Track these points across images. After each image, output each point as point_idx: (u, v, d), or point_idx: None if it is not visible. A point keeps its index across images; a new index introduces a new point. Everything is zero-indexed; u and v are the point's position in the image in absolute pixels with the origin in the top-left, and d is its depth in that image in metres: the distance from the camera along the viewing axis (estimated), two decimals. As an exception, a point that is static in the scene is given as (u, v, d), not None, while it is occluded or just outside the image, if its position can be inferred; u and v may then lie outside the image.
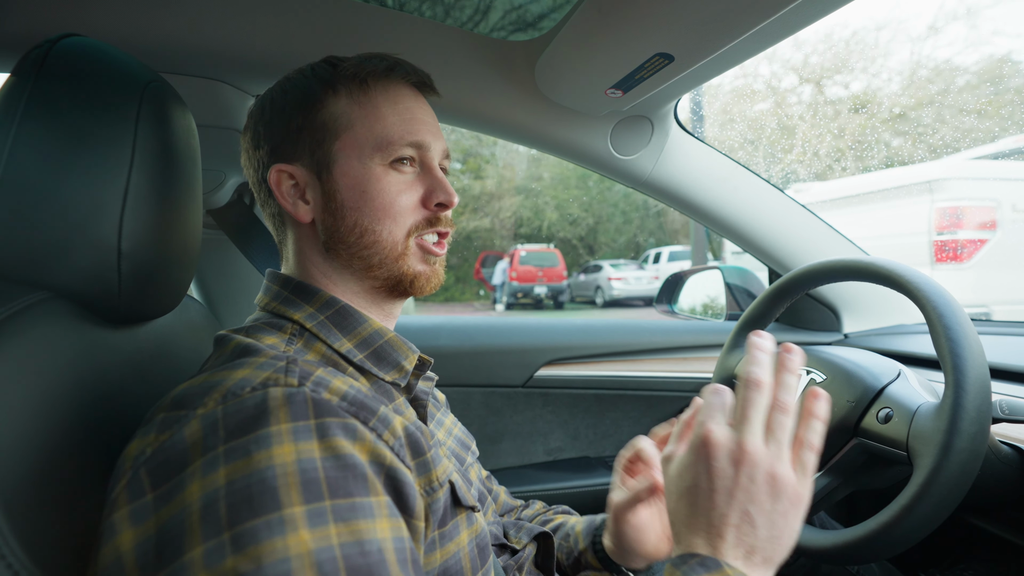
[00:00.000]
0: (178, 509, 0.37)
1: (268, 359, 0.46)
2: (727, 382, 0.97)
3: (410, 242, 0.58)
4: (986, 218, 4.14)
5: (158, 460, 0.39)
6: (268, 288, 0.60)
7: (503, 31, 0.97)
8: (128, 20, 0.83)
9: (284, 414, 0.41)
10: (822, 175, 7.03)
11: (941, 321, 0.63)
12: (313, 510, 0.38)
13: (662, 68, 0.81)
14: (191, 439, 0.39)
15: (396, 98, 0.59)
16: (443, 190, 0.59)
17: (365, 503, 0.40)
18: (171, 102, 0.58)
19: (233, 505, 0.36)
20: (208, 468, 0.38)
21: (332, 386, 0.46)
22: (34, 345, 0.44)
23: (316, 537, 0.37)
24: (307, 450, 0.40)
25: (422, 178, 0.59)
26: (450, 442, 0.69)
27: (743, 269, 1.52)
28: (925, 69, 9.71)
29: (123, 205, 0.51)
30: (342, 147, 0.57)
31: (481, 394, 1.30)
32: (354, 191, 0.57)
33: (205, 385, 0.43)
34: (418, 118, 0.59)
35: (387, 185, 0.57)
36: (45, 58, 0.50)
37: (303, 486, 0.38)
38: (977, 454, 0.59)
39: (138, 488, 0.39)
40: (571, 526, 0.78)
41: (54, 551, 0.41)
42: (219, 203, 1.06)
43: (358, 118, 0.57)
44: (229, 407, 0.41)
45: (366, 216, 0.57)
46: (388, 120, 0.57)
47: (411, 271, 0.59)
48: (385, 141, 0.57)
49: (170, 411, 0.42)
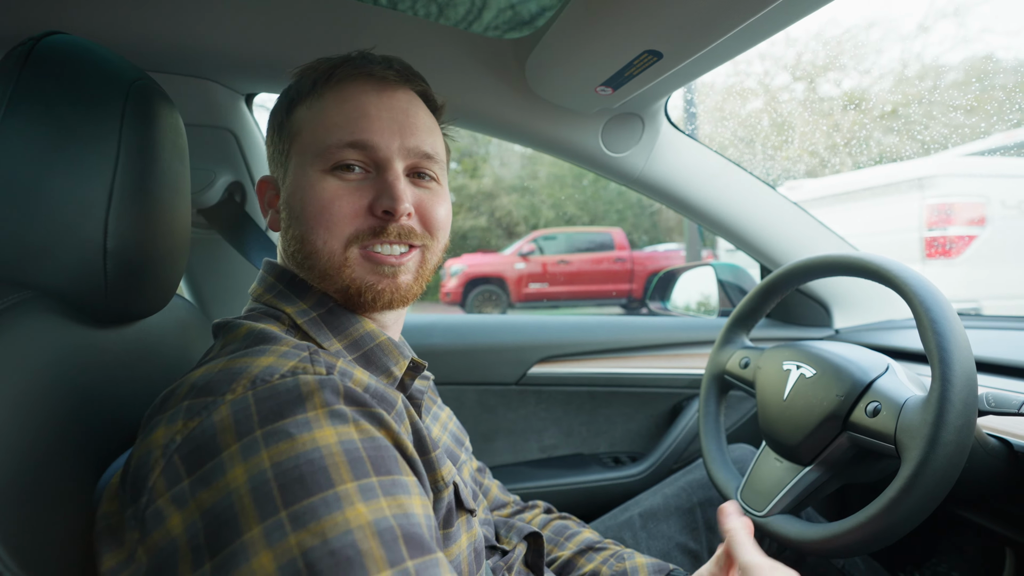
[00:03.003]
0: (223, 493, 0.37)
1: (291, 348, 0.46)
2: (719, 378, 0.97)
3: (350, 252, 0.54)
4: (975, 214, 4.17)
5: (190, 446, 0.40)
6: (263, 279, 0.59)
7: (497, 30, 0.97)
8: (116, 18, 0.83)
9: (319, 400, 0.42)
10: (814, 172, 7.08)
11: (927, 315, 0.64)
12: (363, 485, 0.39)
13: (651, 65, 0.81)
14: (221, 425, 0.40)
15: (347, 96, 0.55)
16: (388, 195, 0.53)
17: (403, 480, 0.42)
18: (158, 100, 0.57)
19: (285, 485, 0.37)
20: (248, 452, 0.38)
21: (355, 377, 0.48)
22: (19, 344, 0.44)
23: (371, 509, 0.38)
24: (345, 432, 0.41)
25: (374, 183, 0.55)
26: (445, 438, 0.69)
27: (735, 266, 1.52)
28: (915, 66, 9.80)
29: (109, 204, 0.51)
30: (293, 155, 0.57)
31: (475, 392, 1.30)
32: (295, 199, 0.55)
33: (228, 372, 0.43)
34: (369, 115, 0.54)
35: (319, 192, 0.53)
36: (28, 56, 0.49)
37: (350, 464, 0.40)
38: (963, 447, 0.59)
39: (174, 474, 0.39)
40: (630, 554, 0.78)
41: (41, 553, 0.41)
42: (209, 202, 1.06)
43: (307, 123, 0.56)
44: (260, 392, 0.41)
45: (302, 225, 0.54)
46: (330, 122, 0.54)
47: (357, 283, 0.54)
48: (323, 145, 0.54)
49: (195, 398, 0.42)
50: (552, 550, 0.80)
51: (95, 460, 0.49)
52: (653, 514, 0.94)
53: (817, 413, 0.73)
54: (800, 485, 0.75)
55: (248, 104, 1.08)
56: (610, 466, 1.31)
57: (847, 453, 0.72)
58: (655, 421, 1.37)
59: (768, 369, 0.85)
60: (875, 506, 0.63)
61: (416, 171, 0.58)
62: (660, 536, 0.91)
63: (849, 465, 0.74)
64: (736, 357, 0.94)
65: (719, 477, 0.88)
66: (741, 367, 0.92)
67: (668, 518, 0.93)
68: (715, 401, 0.97)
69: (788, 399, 0.79)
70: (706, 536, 0.90)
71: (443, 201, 0.60)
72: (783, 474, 0.78)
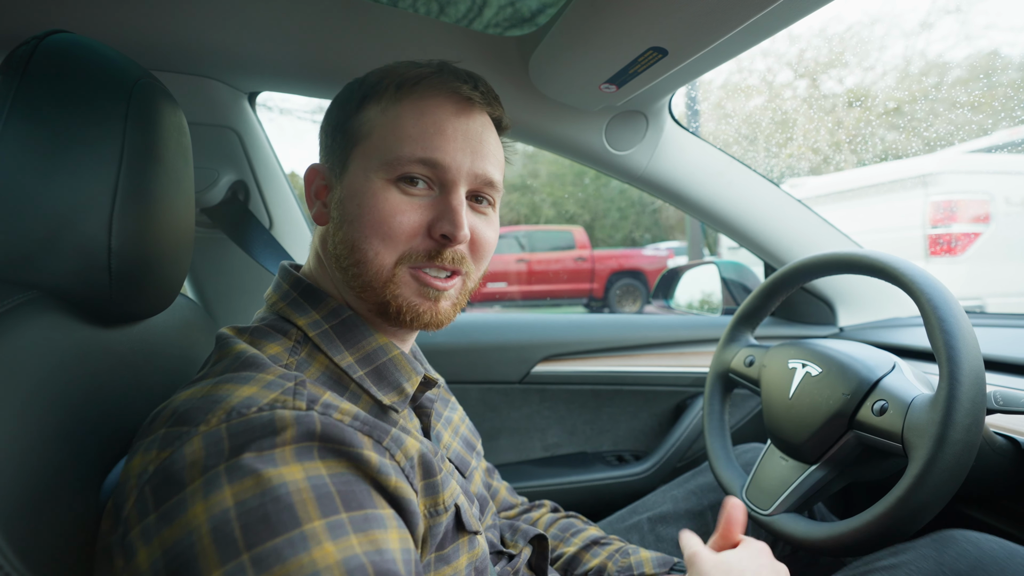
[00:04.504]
0: (184, 532, 0.36)
1: (276, 377, 0.45)
2: (723, 376, 0.97)
3: (399, 270, 0.53)
4: (980, 211, 4.15)
5: (160, 478, 0.39)
6: (279, 285, 0.58)
7: (498, 27, 0.97)
8: (118, 17, 0.82)
9: (291, 435, 0.40)
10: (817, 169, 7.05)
11: (935, 313, 0.63)
12: (332, 523, 0.38)
13: (656, 62, 0.80)
14: (191, 457, 0.39)
15: (425, 110, 0.53)
16: (450, 220, 0.52)
17: (377, 514, 0.41)
18: (161, 99, 0.57)
19: (248, 525, 0.36)
20: (210, 488, 0.37)
21: (342, 407, 0.46)
22: (24, 345, 0.43)
23: (340, 548, 0.37)
24: (313, 468, 0.40)
25: (436, 203, 0.53)
26: (456, 444, 0.68)
27: (739, 264, 1.52)
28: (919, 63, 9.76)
29: (113, 203, 0.50)
30: (357, 155, 0.55)
31: (478, 391, 1.29)
32: (352, 203, 0.53)
33: (208, 400, 0.42)
34: (444, 133, 0.53)
35: (382, 202, 0.52)
36: (32, 55, 0.49)
37: (318, 501, 0.38)
38: (972, 445, 0.59)
39: (144, 507, 0.38)
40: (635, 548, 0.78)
41: (47, 554, 0.41)
42: (213, 201, 1.06)
43: (378, 127, 0.54)
44: (233, 426, 0.40)
45: (356, 231, 0.53)
46: (405, 133, 0.53)
47: (399, 301, 0.53)
48: (393, 155, 0.52)
49: (171, 427, 0.41)
50: (557, 546, 0.80)
51: (100, 460, 0.49)
52: (662, 518, 0.93)
53: (823, 412, 0.73)
54: (806, 484, 0.75)
55: (251, 103, 1.08)
56: (614, 464, 1.31)
57: (853, 452, 0.72)
58: (659, 420, 1.37)
59: (773, 367, 0.85)
60: (882, 505, 0.62)
61: (476, 195, 0.57)
62: (668, 539, 0.90)
63: (855, 464, 0.74)
64: (741, 355, 0.94)
65: (724, 476, 0.88)
66: (746, 365, 0.92)
67: (678, 521, 0.92)
68: (720, 399, 0.96)
69: (794, 397, 0.78)
70: None
71: (494, 226, 0.59)
72: (789, 473, 0.78)
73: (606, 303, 9.00)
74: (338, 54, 0.94)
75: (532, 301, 8.80)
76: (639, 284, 9.21)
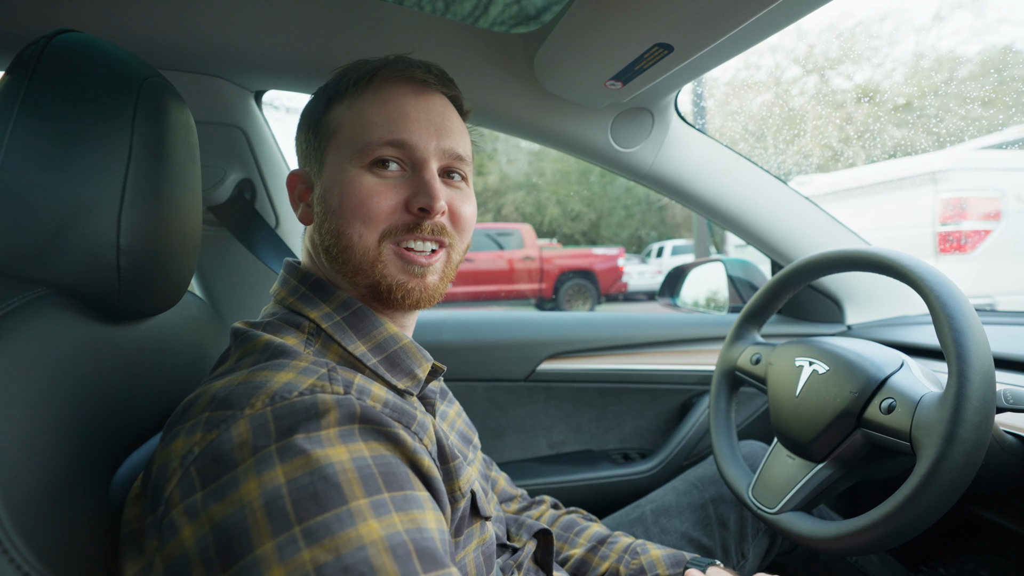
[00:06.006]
0: (235, 507, 0.38)
1: (309, 364, 0.47)
2: (729, 374, 0.97)
3: (384, 247, 0.56)
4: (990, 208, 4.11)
5: (207, 459, 0.40)
6: (286, 281, 0.60)
7: (503, 25, 0.97)
8: (125, 16, 0.83)
9: (334, 418, 0.43)
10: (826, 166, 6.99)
11: (944, 310, 0.63)
12: (376, 501, 0.40)
13: (661, 59, 0.80)
14: (239, 439, 0.40)
15: (387, 97, 0.57)
16: (425, 193, 0.55)
17: (415, 496, 0.43)
18: (168, 98, 0.58)
19: (299, 501, 0.38)
20: (262, 466, 0.39)
21: (373, 394, 0.48)
22: (34, 341, 0.44)
23: (384, 525, 0.39)
24: (357, 450, 0.42)
25: (411, 181, 0.57)
26: (452, 437, 0.69)
27: (745, 261, 1.51)
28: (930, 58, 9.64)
29: (121, 201, 0.51)
30: (331, 151, 0.58)
31: (484, 388, 1.30)
32: (332, 194, 0.57)
33: (248, 385, 0.44)
34: (408, 116, 0.57)
35: (359, 187, 0.55)
36: (41, 54, 0.50)
37: (363, 481, 0.40)
38: (981, 444, 0.58)
39: (189, 485, 0.40)
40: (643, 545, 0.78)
41: (59, 549, 0.41)
42: (220, 199, 1.06)
43: (346, 121, 0.57)
44: (278, 409, 0.42)
45: (340, 219, 0.56)
46: (371, 120, 0.56)
47: (388, 280, 0.56)
48: (363, 142, 0.56)
49: (215, 410, 0.43)
50: (563, 547, 0.80)
51: (110, 456, 0.49)
52: (665, 510, 0.94)
53: (830, 410, 0.72)
54: (813, 482, 0.75)
55: (257, 101, 1.08)
56: (619, 462, 1.31)
57: (861, 450, 0.71)
58: (665, 418, 1.37)
59: (780, 365, 0.85)
60: (890, 504, 0.62)
61: (448, 171, 0.60)
62: (672, 532, 0.91)
63: (863, 462, 0.73)
64: (747, 353, 0.93)
65: (730, 474, 0.88)
66: (752, 363, 0.92)
67: (680, 514, 0.93)
68: (726, 397, 0.96)
69: (800, 396, 0.78)
70: (718, 531, 0.90)
71: (471, 201, 0.62)
72: (795, 471, 0.78)
73: (556, 304, 8.88)
74: (344, 53, 0.94)
75: (478, 302, 8.60)
76: (589, 284, 9.01)
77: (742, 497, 0.83)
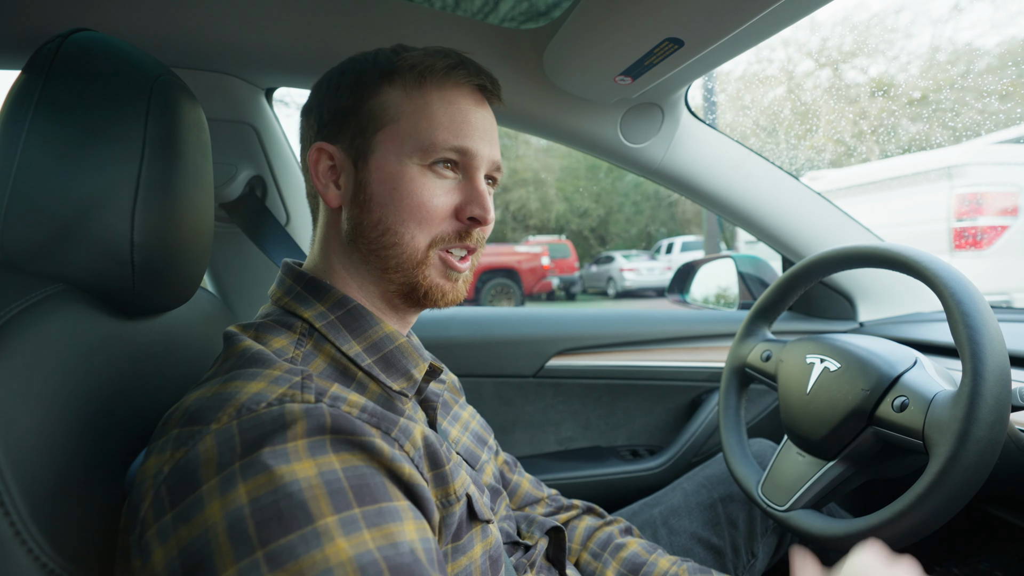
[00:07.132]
0: (200, 530, 0.36)
1: (283, 372, 0.45)
2: (739, 371, 0.96)
3: (432, 252, 0.56)
4: (1007, 204, 4.03)
5: (175, 478, 0.39)
6: (282, 281, 0.59)
7: (513, 21, 0.97)
8: (138, 15, 0.84)
9: (302, 429, 0.41)
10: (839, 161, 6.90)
11: (959, 307, 0.62)
12: (345, 518, 0.38)
13: (672, 53, 0.79)
14: (205, 456, 0.39)
15: (451, 99, 0.56)
16: (479, 204, 0.56)
17: (391, 507, 0.41)
18: (181, 96, 0.58)
19: (262, 522, 0.36)
20: (226, 486, 0.37)
21: (350, 399, 0.46)
22: (51, 336, 0.45)
23: (353, 544, 0.37)
24: (326, 463, 0.40)
25: (462, 187, 0.56)
26: (465, 439, 0.68)
27: (756, 258, 1.50)
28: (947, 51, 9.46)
29: (135, 198, 0.52)
30: (383, 139, 0.55)
31: (492, 384, 1.30)
32: (385, 186, 0.55)
33: (217, 398, 0.42)
34: (471, 122, 0.56)
35: (420, 187, 0.54)
36: (56, 54, 0.51)
37: (331, 496, 0.38)
38: (995, 443, 0.58)
39: (160, 507, 0.39)
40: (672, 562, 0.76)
41: (78, 544, 0.42)
42: (231, 196, 1.07)
43: (406, 112, 0.55)
44: (244, 422, 0.40)
45: (392, 214, 0.54)
46: (436, 120, 0.55)
47: (427, 282, 0.56)
48: (428, 141, 0.54)
49: (184, 426, 0.42)
50: (597, 567, 0.78)
51: (124, 449, 0.50)
52: (674, 510, 0.93)
53: (842, 407, 0.72)
54: (823, 480, 0.74)
55: (268, 98, 1.09)
56: (628, 459, 1.31)
57: (872, 448, 0.71)
58: (674, 414, 1.36)
59: (791, 362, 0.84)
60: (901, 502, 0.61)
61: (487, 178, 0.60)
62: (682, 532, 0.90)
63: (874, 460, 0.72)
64: (757, 350, 0.93)
65: (740, 471, 0.87)
66: (763, 360, 0.91)
67: (689, 514, 0.92)
68: (735, 394, 0.96)
69: (811, 393, 0.77)
70: (728, 531, 0.90)
71: None
72: (806, 469, 0.77)
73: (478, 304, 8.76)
74: (354, 49, 0.93)
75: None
76: (512, 283, 8.71)
77: (751, 494, 0.83)
